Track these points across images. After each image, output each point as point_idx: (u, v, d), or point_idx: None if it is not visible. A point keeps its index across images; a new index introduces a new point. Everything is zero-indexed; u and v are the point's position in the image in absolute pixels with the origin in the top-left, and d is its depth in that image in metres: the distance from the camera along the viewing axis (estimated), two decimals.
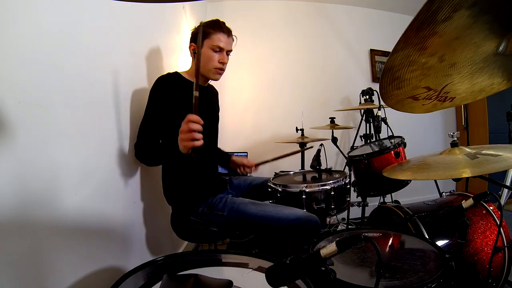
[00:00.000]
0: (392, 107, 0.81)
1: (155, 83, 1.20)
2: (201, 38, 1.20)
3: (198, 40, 1.04)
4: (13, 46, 0.62)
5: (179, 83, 1.24)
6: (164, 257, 0.77)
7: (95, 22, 0.93)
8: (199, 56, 1.10)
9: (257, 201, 1.25)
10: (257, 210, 1.18)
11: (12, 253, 0.62)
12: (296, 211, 1.18)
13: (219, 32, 1.23)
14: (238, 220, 1.18)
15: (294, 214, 1.16)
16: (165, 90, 1.18)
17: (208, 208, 1.20)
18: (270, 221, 1.15)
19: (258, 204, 1.22)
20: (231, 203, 1.21)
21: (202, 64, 1.23)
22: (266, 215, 1.16)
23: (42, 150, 0.71)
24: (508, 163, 0.83)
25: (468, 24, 0.55)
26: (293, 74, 2.86)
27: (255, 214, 1.17)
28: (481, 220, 1.09)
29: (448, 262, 0.73)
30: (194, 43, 1.27)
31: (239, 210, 1.19)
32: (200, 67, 1.01)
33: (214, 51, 1.23)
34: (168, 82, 1.21)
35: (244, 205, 1.20)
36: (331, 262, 0.49)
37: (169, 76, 1.23)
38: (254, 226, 1.17)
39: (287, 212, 1.17)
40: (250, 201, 1.25)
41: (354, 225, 2.30)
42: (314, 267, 0.48)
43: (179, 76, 1.26)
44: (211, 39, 1.22)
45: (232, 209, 1.19)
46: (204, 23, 1.24)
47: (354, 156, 1.57)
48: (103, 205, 0.99)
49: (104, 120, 1.00)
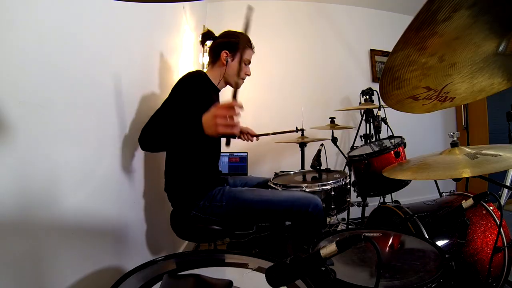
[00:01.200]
0: (392, 107, 0.81)
1: (187, 78, 1.19)
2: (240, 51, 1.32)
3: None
4: (13, 46, 0.62)
5: (207, 84, 1.28)
6: (164, 257, 0.77)
7: (95, 22, 0.93)
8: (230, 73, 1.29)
9: (253, 188, 1.26)
10: (254, 195, 1.18)
11: (12, 253, 0.62)
12: (296, 193, 1.18)
13: (250, 48, 1.37)
14: (237, 208, 1.18)
15: (293, 196, 1.15)
16: (196, 87, 1.18)
17: (208, 201, 1.20)
18: (269, 205, 1.15)
19: (255, 190, 1.23)
20: (228, 192, 1.22)
21: (232, 73, 1.33)
22: (264, 199, 1.16)
23: (42, 150, 0.71)
24: (508, 163, 0.83)
25: (468, 24, 0.55)
26: (293, 74, 2.86)
27: (252, 199, 1.17)
28: (481, 220, 1.09)
29: (448, 262, 0.73)
30: (228, 50, 1.31)
31: (237, 197, 1.19)
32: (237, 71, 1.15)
33: (245, 64, 1.38)
34: (200, 80, 1.23)
35: (241, 193, 1.21)
36: (331, 262, 0.49)
37: (200, 75, 1.24)
38: (253, 212, 1.17)
39: (286, 194, 1.17)
40: (246, 188, 1.26)
41: (354, 225, 2.30)
42: (314, 267, 0.48)
43: (207, 77, 1.30)
44: (245, 53, 1.35)
45: (230, 198, 1.19)
46: (239, 35, 1.34)
47: (354, 156, 1.57)
48: (103, 205, 0.99)
49: (104, 120, 1.00)
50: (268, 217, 1.19)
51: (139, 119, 1.20)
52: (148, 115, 1.11)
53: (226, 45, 1.32)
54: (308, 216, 1.14)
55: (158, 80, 1.52)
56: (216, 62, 1.34)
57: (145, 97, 1.33)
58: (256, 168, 2.69)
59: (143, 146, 1.09)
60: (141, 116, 1.20)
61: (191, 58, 2.21)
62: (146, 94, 1.35)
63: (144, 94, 1.33)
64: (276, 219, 1.17)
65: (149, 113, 1.14)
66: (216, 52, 1.33)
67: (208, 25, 1.31)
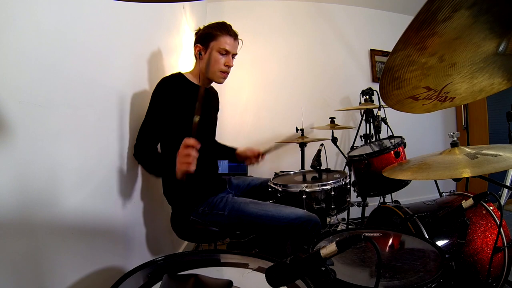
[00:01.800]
0: (392, 107, 0.81)
1: (159, 85, 1.19)
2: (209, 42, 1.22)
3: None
4: (13, 46, 0.62)
5: (183, 85, 1.23)
6: (164, 257, 0.77)
7: (95, 22, 0.93)
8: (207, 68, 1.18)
9: (258, 201, 1.25)
10: (258, 209, 1.18)
11: (12, 253, 0.62)
12: (297, 210, 1.18)
13: (226, 35, 1.22)
14: (239, 220, 1.18)
15: (295, 214, 1.16)
16: (168, 92, 1.17)
17: (209, 208, 1.20)
18: (270, 220, 1.15)
19: (258, 204, 1.22)
20: (232, 202, 1.21)
21: (206, 65, 1.23)
22: (266, 215, 1.16)
23: (42, 150, 0.71)
24: (508, 163, 0.83)
25: (468, 24, 0.55)
26: (293, 74, 2.86)
27: (255, 213, 1.17)
28: (481, 220, 1.09)
29: (448, 262, 0.73)
30: (200, 44, 1.24)
31: (240, 209, 1.19)
32: (202, 91, 1.03)
33: (220, 54, 1.22)
34: (172, 84, 1.20)
35: (245, 205, 1.20)
36: (331, 262, 0.49)
37: (172, 78, 1.22)
38: (255, 226, 1.17)
39: (287, 212, 1.17)
40: (251, 200, 1.25)
41: (354, 225, 2.31)
42: (314, 267, 0.48)
43: (183, 77, 1.26)
44: (218, 42, 1.21)
45: (233, 209, 1.19)
46: (211, 25, 1.24)
47: (354, 156, 1.57)
48: (103, 205, 0.99)
49: (104, 120, 1.00)
50: (268, 231, 1.19)
51: (139, 119, 1.20)
52: None
53: (198, 39, 1.26)
54: (306, 233, 1.14)
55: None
56: (196, 60, 1.30)
57: (145, 97, 1.32)
58: (256, 168, 2.68)
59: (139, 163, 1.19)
60: (141, 116, 1.20)
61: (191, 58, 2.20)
62: (146, 94, 1.34)
63: (144, 94, 1.33)
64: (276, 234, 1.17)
65: None
66: (193, 48, 1.28)
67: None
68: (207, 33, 1.22)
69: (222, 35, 1.21)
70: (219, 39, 1.21)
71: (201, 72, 1.24)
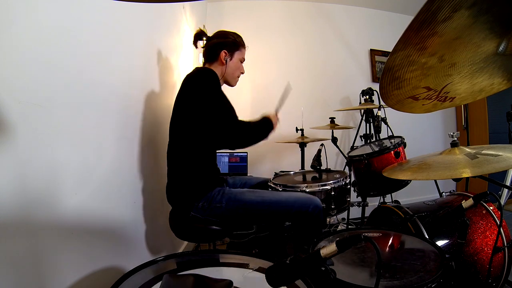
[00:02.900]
0: (392, 107, 0.81)
1: (212, 76, 1.20)
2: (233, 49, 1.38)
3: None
4: (13, 46, 0.62)
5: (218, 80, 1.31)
6: (164, 257, 0.77)
7: (95, 22, 0.93)
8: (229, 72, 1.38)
9: (254, 189, 1.26)
10: (255, 196, 1.18)
11: (12, 253, 0.62)
12: (295, 193, 1.18)
13: (244, 47, 1.41)
14: (236, 209, 1.18)
15: (293, 196, 1.16)
16: (217, 84, 1.22)
17: (208, 202, 1.20)
18: (269, 206, 1.15)
19: (255, 191, 1.23)
20: (228, 193, 1.22)
21: (231, 71, 1.37)
22: (264, 200, 1.16)
23: (42, 150, 0.71)
24: (508, 163, 0.83)
25: (468, 24, 0.55)
26: (293, 74, 2.85)
27: (252, 200, 1.17)
28: (481, 220, 1.09)
29: (448, 262, 0.73)
30: (227, 50, 1.35)
31: (237, 199, 1.19)
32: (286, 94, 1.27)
33: (240, 62, 1.41)
34: (216, 77, 1.24)
35: (241, 194, 1.21)
36: (331, 262, 0.49)
37: (214, 73, 1.25)
38: (254, 213, 1.17)
39: (285, 195, 1.17)
40: (247, 189, 1.26)
41: (354, 225, 2.31)
42: (314, 267, 0.48)
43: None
44: (241, 52, 1.39)
45: (230, 199, 1.19)
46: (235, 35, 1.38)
47: (354, 156, 1.57)
48: (103, 205, 0.99)
49: (104, 120, 1.00)
50: (268, 218, 1.19)
51: (139, 119, 1.20)
52: (148, 115, 1.12)
53: (224, 45, 1.35)
54: (307, 216, 1.14)
55: (158, 80, 1.52)
56: (213, 61, 1.36)
57: (145, 97, 1.33)
58: (256, 168, 2.70)
59: (236, 147, 1.29)
60: (141, 116, 1.20)
61: (191, 58, 2.21)
62: (146, 94, 1.35)
63: (144, 94, 1.33)
64: (276, 220, 1.18)
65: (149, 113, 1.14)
66: (214, 52, 1.35)
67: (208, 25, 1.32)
68: (234, 42, 1.36)
69: (242, 47, 1.40)
70: (241, 50, 1.39)
71: (223, 75, 1.37)
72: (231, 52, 1.35)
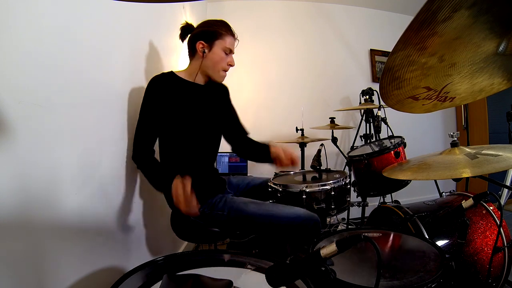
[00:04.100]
0: (392, 107, 0.81)
1: (149, 84, 1.18)
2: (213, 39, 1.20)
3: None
4: (13, 46, 0.62)
5: (174, 83, 1.22)
6: (164, 257, 0.77)
7: (95, 22, 0.93)
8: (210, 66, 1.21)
9: (257, 201, 1.25)
10: (257, 208, 1.18)
11: (12, 253, 0.62)
12: (297, 209, 1.18)
13: (230, 34, 1.22)
14: (238, 219, 1.18)
15: (295, 213, 1.16)
16: (159, 91, 1.16)
17: (209, 208, 1.20)
18: (270, 219, 1.15)
19: (258, 203, 1.22)
20: (231, 202, 1.21)
21: (211, 64, 1.22)
22: (266, 214, 1.16)
23: (42, 150, 0.71)
24: (508, 163, 0.83)
25: (468, 24, 0.55)
26: (293, 74, 2.86)
27: (255, 212, 1.17)
28: (481, 220, 1.09)
29: (448, 262, 0.73)
30: (203, 41, 1.20)
31: (239, 209, 1.19)
32: None
33: (225, 53, 1.22)
34: (162, 82, 1.18)
35: (244, 204, 1.20)
36: (331, 262, 0.49)
37: (163, 76, 1.21)
38: (255, 225, 1.17)
39: (287, 211, 1.17)
40: (250, 200, 1.25)
41: (354, 225, 2.30)
42: (314, 267, 0.48)
43: (174, 76, 1.24)
44: (223, 41, 1.20)
45: (232, 208, 1.19)
46: (214, 22, 1.22)
47: (354, 156, 1.56)
48: (103, 205, 0.99)
49: (104, 120, 1.00)
50: (268, 230, 1.19)
51: None
52: None
53: (201, 35, 1.21)
54: (306, 232, 1.14)
55: None
56: (194, 55, 1.25)
57: None
58: (256, 168, 2.69)
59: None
60: None
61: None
62: None
63: None
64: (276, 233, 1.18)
65: None
66: (192, 45, 1.23)
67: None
68: (212, 31, 1.20)
69: (227, 34, 1.21)
70: (224, 38, 1.20)
71: (202, 70, 1.23)
72: (209, 43, 1.19)
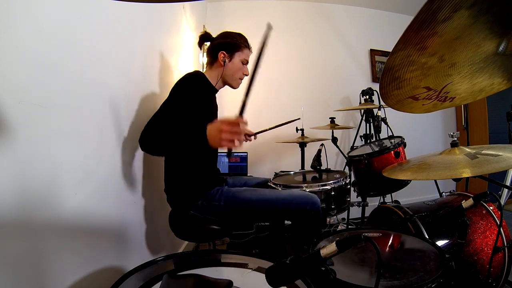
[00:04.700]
0: (392, 107, 0.81)
1: (184, 79, 1.20)
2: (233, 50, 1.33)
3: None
4: (13, 46, 0.62)
5: (206, 85, 1.29)
6: (164, 257, 0.77)
7: (95, 22, 0.93)
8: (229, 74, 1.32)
9: (253, 188, 1.26)
10: (253, 194, 1.19)
11: (12, 253, 0.62)
12: (293, 191, 1.19)
13: (248, 48, 1.36)
14: (235, 208, 1.18)
15: (291, 195, 1.16)
16: (195, 88, 1.19)
17: (207, 201, 1.21)
18: (267, 204, 1.16)
19: (253, 190, 1.24)
20: (226, 192, 1.23)
21: (230, 73, 1.33)
22: (262, 199, 1.17)
23: (42, 150, 0.71)
24: (508, 163, 0.83)
25: (468, 24, 0.55)
26: (293, 74, 2.86)
27: (250, 198, 1.18)
28: (481, 220, 1.09)
29: (448, 262, 0.73)
30: (225, 51, 1.32)
31: (235, 197, 1.20)
32: (254, 74, 1.08)
33: (242, 64, 1.35)
34: (199, 81, 1.24)
35: (240, 192, 1.22)
36: (331, 262, 0.49)
37: (199, 76, 1.25)
38: (252, 211, 1.18)
39: (284, 193, 1.18)
40: (245, 188, 1.26)
41: (354, 225, 2.30)
42: (314, 267, 0.48)
43: (206, 78, 1.30)
44: (243, 53, 1.34)
45: (228, 197, 1.20)
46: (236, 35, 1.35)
47: (354, 156, 1.57)
48: (103, 205, 0.99)
49: (104, 120, 1.00)
50: (266, 216, 1.20)
51: (139, 119, 1.20)
52: (148, 115, 1.11)
53: (223, 46, 1.33)
54: (306, 214, 1.15)
55: (158, 80, 1.52)
56: (214, 63, 1.35)
57: (145, 97, 1.33)
58: (256, 168, 2.70)
59: (143, 147, 1.09)
60: (141, 116, 1.20)
61: (191, 58, 2.20)
62: (146, 94, 1.35)
63: (144, 94, 1.33)
64: (275, 218, 1.18)
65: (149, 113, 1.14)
66: (214, 53, 1.34)
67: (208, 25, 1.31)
68: (234, 44, 1.32)
69: (245, 47, 1.35)
70: (243, 51, 1.34)
71: (221, 77, 1.34)
72: (230, 53, 1.32)
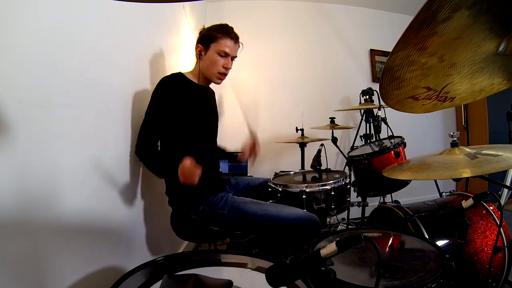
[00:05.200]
0: (392, 107, 0.81)
1: (160, 84, 1.20)
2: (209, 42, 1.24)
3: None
4: (13, 46, 0.62)
5: (183, 84, 1.25)
6: (164, 257, 0.77)
7: (95, 22, 0.93)
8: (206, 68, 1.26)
9: (258, 201, 1.26)
10: (258, 209, 1.18)
11: (12, 253, 0.62)
12: (297, 210, 1.18)
13: (227, 37, 1.23)
14: (238, 219, 1.18)
15: (295, 214, 1.16)
16: (169, 91, 1.19)
17: (209, 207, 1.20)
18: (270, 220, 1.15)
19: (258, 203, 1.22)
20: (231, 201, 1.22)
21: (205, 66, 1.26)
22: (266, 214, 1.16)
23: (42, 150, 0.71)
24: (508, 163, 0.83)
25: (468, 24, 0.55)
26: (293, 74, 2.85)
27: (255, 213, 1.17)
28: (481, 220, 1.09)
29: (448, 262, 0.73)
30: (200, 44, 1.26)
31: (240, 208, 1.19)
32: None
33: (219, 56, 1.24)
34: (173, 83, 1.22)
35: (245, 204, 1.21)
36: (331, 262, 0.49)
37: (173, 77, 1.24)
38: (255, 225, 1.18)
39: (287, 211, 1.17)
40: (251, 200, 1.25)
41: (354, 225, 2.30)
42: (314, 267, 0.48)
43: (183, 77, 1.27)
44: (218, 44, 1.22)
45: (233, 208, 1.19)
46: (213, 26, 1.26)
47: (354, 156, 1.56)
48: (103, 205, 0.99)
49: (104, 120, 1.00)
50: (268, 231, 1.19)
51: (139, 119, 1.20)
52: None
53: (199, 39, 1.27)
54: (305, 234, 1.15)
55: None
56: (197, 58, 1.30)
57: (145, 97, 1.32)
58: (256, 168, 2.69)
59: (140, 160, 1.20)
60: (141, 116, 1.20)
61: (191, 58, 2.20)
62: (146, 94, 1.34)
63: (144, 94, 1.33)
64: (276, 234, 1.18)
65: None
66: (195, 48, 1.29)
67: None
68: (208, 34, 1.24)
69: (223, 37, 1.23)
70: (219, 41, 1.22)
71: (200, 72, 1.27)
72: (205, 46, 1.24)
